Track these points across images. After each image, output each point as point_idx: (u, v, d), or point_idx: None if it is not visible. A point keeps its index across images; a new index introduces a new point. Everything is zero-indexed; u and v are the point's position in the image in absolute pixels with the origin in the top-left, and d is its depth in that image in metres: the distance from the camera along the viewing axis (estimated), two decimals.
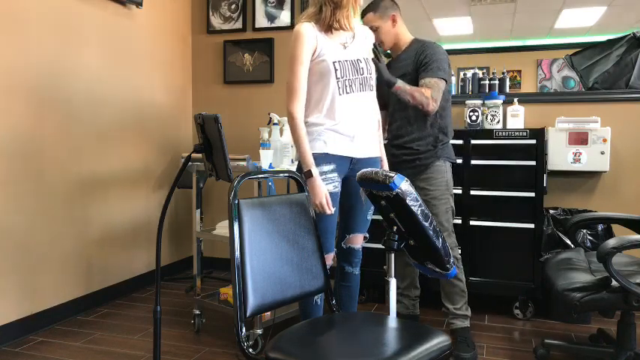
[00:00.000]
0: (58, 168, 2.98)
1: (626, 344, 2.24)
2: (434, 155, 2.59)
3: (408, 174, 2.57)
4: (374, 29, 2.55)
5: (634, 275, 2.04)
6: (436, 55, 2.51)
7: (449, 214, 2.62)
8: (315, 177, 2.04)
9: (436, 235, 1.53)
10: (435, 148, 2.58)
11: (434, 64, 2.48)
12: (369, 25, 2.57)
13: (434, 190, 2.59)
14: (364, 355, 1.35)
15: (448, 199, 2.61)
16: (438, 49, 2.54)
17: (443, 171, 2.60)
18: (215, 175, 1.97)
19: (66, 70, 3.02)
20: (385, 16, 2.58)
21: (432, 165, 2.59)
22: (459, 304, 2.63)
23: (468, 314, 2.65)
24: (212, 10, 4.10)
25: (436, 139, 2.58)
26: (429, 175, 2.59)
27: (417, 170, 2.61)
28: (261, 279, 1.52)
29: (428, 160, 2.59)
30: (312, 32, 2.08)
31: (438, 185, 2.59)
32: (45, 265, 2.92)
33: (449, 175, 2.63)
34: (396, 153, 2.66)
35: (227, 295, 2.91)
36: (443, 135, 2.60)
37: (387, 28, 2.60)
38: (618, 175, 3.32)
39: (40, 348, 2.66)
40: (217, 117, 1.86)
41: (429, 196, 2.58)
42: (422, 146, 2.59)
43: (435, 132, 2.58)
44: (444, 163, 2.61)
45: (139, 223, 3.64)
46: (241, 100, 4.09)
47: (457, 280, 2.62)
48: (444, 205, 2.60)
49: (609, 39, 3.41)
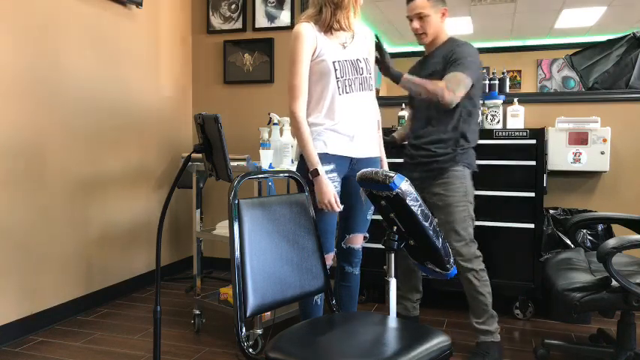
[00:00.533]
0: (58, 168, 2.98)
1: (626, 344, 2.24)
2: (452, 160, 2.46)
3: (424, 177, 2.51)
4: (421, 16, 2.44)
5: (634, 275, 2.04)
6: (465, 53, 2.39)
7: (467, 223, 2.47)
8: (321, 175, 2.04)
9: (436, 235, 1.53)
10: (453, 152, 2.46)
11: (459, 61, 2.37)
12: (419, 11, 2.43)
13: (450, 196, 2.46)
14: (364, 355, 1.35)
15: (466, 206, 2.47)
16: (469, 50, 2.42)
17: (461, 177, 2.46)
18: (215, 175, 1.97)
19: (66, 69, 3.02)
20: (437, 7, 2.45)
21: (449, 170, 2.46)
22: (481, 319, 2.48)
23: (492, 329, 2.48)
24: (212, 10, 4.11)
25: (456, 143, 2.46)
26: (446, 180, 2.47)
27: (433, 174, 2.49)
28: (261, 279, 1.52)
29: (445, 164, 2.46)
30: (312, 32, 2.08)
31: (455, 192, 2.45)
32: (45, 265, 2.92)
33: (468, 182, 2.49)
34: (413, 154, 2.57)
35: (227, 295, 2.91)
36: (464, 140, 2.47)
37: (435, 20, 2.45)
38: (618, 175, 3.32)
39: (40, 348, 2.66)
40: (217, 117, 1.86)
41: (444, 203, 2.46)
42: (440, 149, 2.47)
43: (457, 135, 2.45)
44: (463, 169, 2.47)
45: (139, 223, 3.64)
46: (241, 100, 4.09)
47: (479, 294, 2.47)
48: (461, 213, 2.46)
49: (609, 39, 3.41)
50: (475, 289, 2.46)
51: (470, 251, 2.47)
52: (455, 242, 2.45)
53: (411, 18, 2.48)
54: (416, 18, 2.46)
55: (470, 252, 2.47)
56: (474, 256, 2.47)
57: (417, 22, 2.47)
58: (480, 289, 2.46)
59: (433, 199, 2.51)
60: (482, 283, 2.47)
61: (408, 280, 2.80)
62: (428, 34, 2.48)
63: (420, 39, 2.52)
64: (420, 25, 2.46)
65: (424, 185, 2.52)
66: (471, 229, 2.49)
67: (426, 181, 2.52)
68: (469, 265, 2.45)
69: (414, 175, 2.53)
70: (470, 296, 2.50)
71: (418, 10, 2.43)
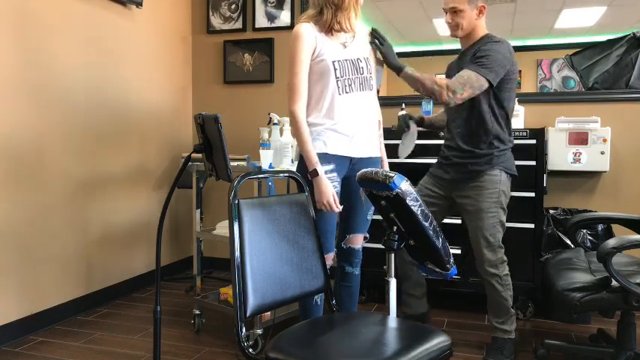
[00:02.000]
0: (58, 168, 2.98)
1: (626, 344, 2.24)
2: (488, 162, 2.38)
3: (456, 179, 2.45)
4: (456, 11, 2.36)
5: (634, 275, 2.04)
6: (491, 51, 2.29)
7: (496, 229, 2.40)
8: (320, 176, 2.04)
9: (436, 235, 1.53)
10: (489, 155, 2.38)
11: (479, 60, 2.28)
12: (454, 5, 2.36)
13: (481, 201, 2.38)
14: (364, 355, 1.35)
15: (497, 212, 2.40)
16: (497, 48, 2.31)
17: (496, 181, 2.38)
18: (215, 175, 1.97)
19: (66, 69, 3.02)
20: (474, 2, 2.36)
21: (484, 173, 2.38)
22: (502, 319, 2.47)
23: (510, 329, 2.48)
24: (212, 10, 4.10)
25: (491, 145, 2.38)
26: (480, 183, 2.39)
27: (467, 176, 2.41)
28: (261, 279, 1.52)
29: (481, 167, 2.38)
30: (311, 32, 2.08)
31: (487, 197, 2.38)
32: (45, 265, 2.92)
33: (503, 187, 2.40)
34: (447, 154, 2.50)
35: (227, 295, 2.91)
36: (499, 142, 2.38)
37: (471, 16, 2.37)
38: (618, 175, 3.32)
39: (40, 348, 2.66)
40: (217, 117, 1.86)
41: (475, 208, 2.40)
42: (476, 149, 2.39)
43: (491, 137, 2.38)
44: (500, 173, 2.39)
45: (139, 223, 3.64)
46: (241, 100, 4.09)
47: (502, 298, 2.43)
48: (490, 219, 2.39)
49: (609, 39, 3.41)
50: (498, 294, 2.44)
51: (497, 257, 2.43)
52: (483, 248, 2.43)
53: (446, 10, 2.42)
54: (450, 11, 2.39)
55: (496, 257, 2.43)
56: (500, 262, 2.43)
57: (450, 15, 2.40)
58: (503, 294, 2.44)
59: (463, 201, 2.45)
60: (505, 288, 2.44)
61: (407, 276, 2.72)
62: (461, 28, 2.39)
63: (453, 31, 2.43)
64: (453, 19, 2.38)
65: (454, 187, 2.47)
66: (500, 234, 2.43)
67: (459, 183, 2.45)
68: (494, 271, 2.43)
69: (445, 176, 2.50)
70: (491, 299, 2.48)
71: (453, 3, 2.36)
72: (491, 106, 2.38)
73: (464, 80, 2.25)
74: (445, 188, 2.53)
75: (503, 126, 2.41)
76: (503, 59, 2.30)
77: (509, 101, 2.42)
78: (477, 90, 2.28)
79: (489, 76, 2.27)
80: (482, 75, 2.26)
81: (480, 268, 2.48)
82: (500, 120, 2.40)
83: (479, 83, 2.26)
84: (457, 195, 2.49)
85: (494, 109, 2.39)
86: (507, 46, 2.36)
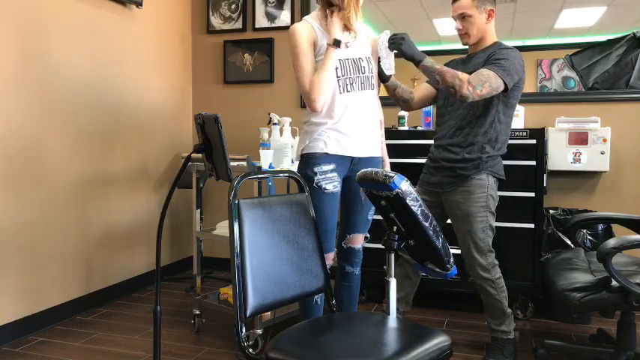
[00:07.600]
0: (58, 168, 2.98)
1: (626, 344, 2.24)
2: (476, 167, 2.37)
3: (444, 182, 2.44)
4: (464, 16, 2.35)
5: (634, 275, 2.04)
6: (507, 56, 2.28)
7: (485, 234, 2.41)
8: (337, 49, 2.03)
9: (436, 235, 1.53)
10: (478, 160, 2.36)
11: (499, 62, 2.25)
12: (462, 11, 2.35)
13: (469, 206, 2.38)
14: (364, 355, 1.35)
15: (486, 217, 2.40)
16: (512, 54, 2.30)
17: (484, 186, 2.37)
18: (215, 175, 1.97)
19: (65, 69, 3.02)
20: (482, 7, 2.35)
21: (472, 178, 2.37)
22: (499, 320, 2.47)
23: (508, 330, 2.47)
24: (212, 10, 4.11)
25: (482, 149, 2.36)
26: (468, 188, 2.38)
27: (455, 180, 2.41)
28: (261, 279, 1.52)
29: (469, 171, 2.37)
30: (307, 26, 2.10)
31: (475, 201, 2.37)
32: (45, 265, 2.92)
33: (491, 191, 2.39)
34: (435, 156, 2.48)
35: (227, 295, 2.91)
36: (490, 147, 2.37)
37: (480, 21, 2.35)
38: (618, 175, 3.32)
39: (40, 348, 2.66)
40: (217, 117, 1.86)
41: (463, 212, 2.39)
42: (465, 153, 2.38)
43: (484, 141, 2.36)
44: (487, 177, 2.38)
45: (139, 223, 3.64)
46: (241, 100, 4.09)
47: (496, 301, 2.44)
48: (479, 224, 2.39)
49: (609, 39, 3.42)
50: (491, 296, 2.45)
51: (488, 261, 2.43)
52: (474, 252, 2.42)
53: (455, 18, 2.41)
54: (459, 18, 2.38)
55: (488, 262, 2.43)
56: (492, 266, 2.43)
57: (460, 22, 2.38)
58: (497, 297, 2.44)
59: (451, 205, 2.45)
60: (498, 291, 2.44)
61: (399, 289, 2.67)
62: (471, 35, 2.38)
63: (464, 39, 2.42)
64: (463, 26, 2.37)
65: (442, 190, 2.46)
66: (489, 239, 2.43)
67: (445, 187, 2.45)
68: (487, 275, 2.43)
69: (431, 179, 2.49)
70: (486, 301, 2.48)
71: (461, 9, 2.35)
72: (497, 110, 2.36)
73: (484, 78, 2.21)
74: (435, 194, 2.51)
75: (499, 132, 2.39)
76: (518, 66, 2.30)
77: (512, 109, 2.42)
78: (494, 90, 2.25)
79: (507, 79, 2.25)
80: (501, 77, 2.23)
81: (472, 273, 2.46)
82: (498, 126, 2.38)
83: (497, 84, 2.23)
84: (444, 198, 2.47)
85: (499, 114, 2.37)
86: (520, 56, 2.36)
